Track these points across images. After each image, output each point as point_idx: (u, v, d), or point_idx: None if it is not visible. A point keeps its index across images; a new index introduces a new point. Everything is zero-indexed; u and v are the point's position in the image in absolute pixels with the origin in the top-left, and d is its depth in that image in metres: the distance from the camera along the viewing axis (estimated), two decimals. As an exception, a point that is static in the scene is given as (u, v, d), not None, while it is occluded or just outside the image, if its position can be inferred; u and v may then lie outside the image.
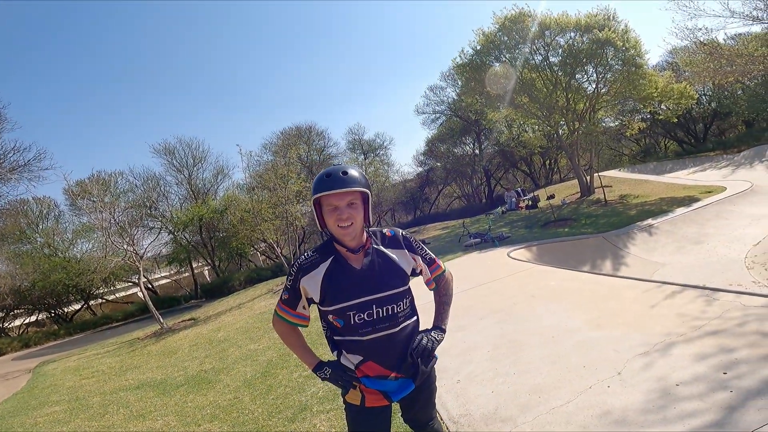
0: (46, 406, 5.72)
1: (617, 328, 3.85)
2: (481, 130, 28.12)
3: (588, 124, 17.54)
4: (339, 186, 1.48)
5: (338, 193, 1.48)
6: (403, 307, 1.62)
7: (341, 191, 1.48)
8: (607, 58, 16.11)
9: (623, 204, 15.16)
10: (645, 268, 9.17)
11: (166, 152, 24.22)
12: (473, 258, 9.72)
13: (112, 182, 22.17)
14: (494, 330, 4.50)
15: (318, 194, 1.51)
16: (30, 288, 19.01)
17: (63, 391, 6.49)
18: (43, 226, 22.49)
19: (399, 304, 1.61)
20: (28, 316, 21.49)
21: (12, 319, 20.90)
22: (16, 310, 20.32)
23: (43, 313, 21.63)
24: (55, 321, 21.36)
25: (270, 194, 12.33)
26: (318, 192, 1.51)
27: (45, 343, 16.24)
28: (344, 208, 1.49)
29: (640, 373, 2.99)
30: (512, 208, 19.50)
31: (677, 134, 28.75)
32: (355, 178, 1.51)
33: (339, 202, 1.50)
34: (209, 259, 23.75)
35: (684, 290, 4.45)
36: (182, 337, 8.88)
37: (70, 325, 19.16)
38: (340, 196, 1.49)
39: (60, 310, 21.82)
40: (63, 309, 21.95)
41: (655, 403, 2.61)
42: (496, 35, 17.45)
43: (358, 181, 1.51)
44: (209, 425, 3.81)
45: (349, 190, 1.49)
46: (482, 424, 2.84)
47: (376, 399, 1.63)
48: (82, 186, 14.50)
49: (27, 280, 18.92)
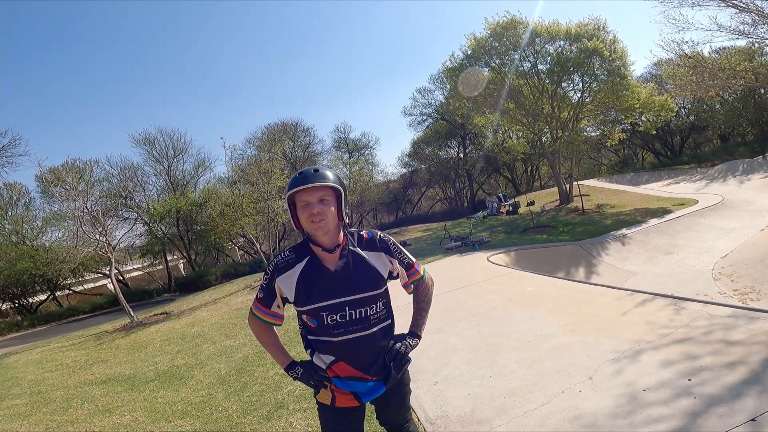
0: (6, 399, 5.50)
1: (590, 333, 3.95)
2: (467, 135, 28.38)
3: (571, 133, 17.87)
4: (311, 181, 1.51)
5: (309, 188, 1.51)
6: (376, 309, 1.63)
7: (312, 186, 1.50)
8: (594, 68, 16.42)
9: (600, 213, 15.54)
10: (617, 277, 9.42)
11: (146, 142, 23.66)
12: (453, 261, 9.82)
13: (87, 170, 21.53)
14: (472, 333, 4.56)
15: (291, 191, 1.54)
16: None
17: (24, 385, 6.24)
18: (12, 213, 21.67)
19: (372, 306, 1.61)
20: None
21: None
22: None
23: (7, 303, 20.75)
24: (18, 312, 20.51)
25: (252, 189, 12.18)
26: (291, 189, 1.54)
27: (7, 335, 15.61)
28: (315, 203, 1.51)
29: (610, 379, 3.08)
30: (493, 213, 19.75)
31: (655, 146, 29.59)
32: (327, 175, 1.54)
33: (310, 197, 1.52)
34: (185, 252, 23.28)
35: (654, 299, 4.60)
36: (154, 332, 8.65)
37: (34, 316, 18.41)
38: (311, 191, 1.51)
39: (24, 300, 21.02)
40: (28, 299, 21.15)
41: (624, 408, 2.69)
42: (487, 41, 17.63)
43: (329, 178, 1.53)
44: (180, 421, 3.73)
45: (320, 185, 1.51)
46: (458, 426, 2.88)
47: (346, 399, 1.64)
48: (55, 173, 14.05)
49: None
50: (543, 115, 18.20)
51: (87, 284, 23.35)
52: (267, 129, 26.12)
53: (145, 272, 25.74)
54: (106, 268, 19.14)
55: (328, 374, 1.64)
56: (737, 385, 2.67)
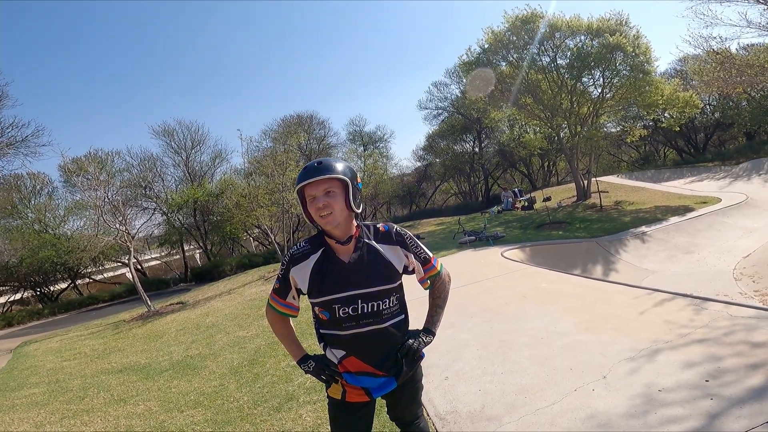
0: (25, 388, 5.63)
1: (606, 332, 3.88)
2: (483, 129, 28.06)
3: (590, 128, 17.55)
4: (313, 175, 1.48)
5: (313, 182, 1.49)
6: (389, 304, 1.60)
7: (315, 180, 1.48)
8: (616, 63, 16.09)
9: (618, 210, 15.23)
10: (635, 275, 9.24)
11: (165, 134, 24.07)
12: (467, 255, 9.75)
13: (109, 161, 21.92)
14: (484, 328, 4.52)
15: (297, 186, 1.53)
16: (17, 264, 18.60)
17: (43, 373, 6.39)
18: (36, 202, 22.17)
19: (385, 300, 1.59)
20: (13, 294, 21.01)
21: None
22: (1, 287, 19.93)
23: (29, 291, 21.20)
24: (40, 300, 20.96)
25: (267, 180, 12.27)
26: (297, 184, 1.53)
27: (28, 323, 15.93)
28: (321, 197, 1.49)
29: (625, 378, 3.02)
30: (508, 208, 19.54)
31: (677, 143, 28.82)
32: (330, 166, 1.51)
33: (316, 191, 1.50)
34: (201, 242, 23.63)
35: (674, 298, 4.49)
36: (169, 321, 8.80)
37: (55, 304, 18.74)
38: (315, 185, 1.49)
39: (46, 288, 21.43)
40: (49, 287, 21.56)
41: (639, 408, 2.63)
42: (505, 35, 17.38)
43: (333, 169, 1.50)
44: (192, 411, 3.78)
45: (324, 178, 1.48)
46: (468, 422, 2.85)
47: (357, 394, 1.63)
48: (78, 163, 14.37)
49: (15, 257, 18.57)
50: (561, 110, 17.92)
51: (107, 273, 23.87)
52: (283, 121, 26.29)
53: (162, 262, 26.23)
54: (125, 257, 19.52)
55: (338, 369, 1.63)
56: (758, 387, 2.58)
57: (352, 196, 1.55)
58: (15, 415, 4.43)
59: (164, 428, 3.53)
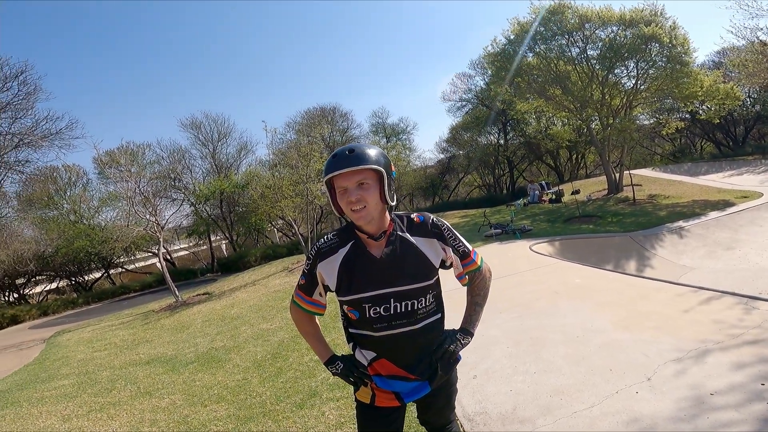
0: (55, 380, 5.73)
1: (647, 331, 3.65)
2: (508, 121, 27.44)
3: (623, 120, 16.94)
4: (344, 165, 1.32)
5: (345, 173, 1.33)
6: (425, 303, 1.45)
7: (348, 171, 1.32)
8: (651, 54, 15.51)
9: (653, 204, 14.61)
10: (672, 271, 8.82)
11: (193, 127, 24.52)
12: (493, 248, 9.53)
13: (140, 153, 22.46)
14: (514, 325, 4.34)
15: (326, 176, 1.37)
16: (53, 254, 19.12)
17: (74, 364, 6.51)
18: (71, 193, 22.84)
19: (421, 299, 1.44)
20: (49, 283, 21.70)
21: (33, 286, 21.16)
22: (37, 276, 20.47)
23: (64, 281, 21.79)
24: (74, 289, 21.59)
25: (292, 172, 12.32)
26: (326, 175, 1.37)
27: (63, 312, 16.34)
28: (354, 189, 1.34)
29: (671, 380, 2.83)
30: (534, 200, 19.07)
31: (715, 136, 27.54)
32: (364, 155, 1.34)
33: (347, 183, 1.34)
34: (227, 233, 24.05)
35: (721, 297, 4.21)
36: (196, 312, 8.91)
37: (89, 293, 19.23)
38: (348, 176, 1.34)
39: (80, 278, 22.04)
40: (83, 277, 22.17)
41: (688, 411, 2.46)
42: (532, 25, 16.95)
43: (367, 159, 1.34)
44: (216, 406, 3.76)
45: (357, 169, 1.32)
46: (499, 424, 2.71)
47: (387, 399, 1.51)
48: (110, 155, 14.78)
49: (51, 246, 19.06)
50: (592, 102, 17.37)
51: (138, 263, 24.55)
52: (306, 114, 26.38)
53: (190, 252, 26.83)
54: (155, 247, 20.06)
55: (369, 372, 1.51)
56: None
57: (387, 188, 1.39)
58: (43, 408, 4.50)
59: (187, 423, 3.51)
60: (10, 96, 12.32)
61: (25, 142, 12.55)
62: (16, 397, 5.13)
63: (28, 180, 18.96)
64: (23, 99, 12.47)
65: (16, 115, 12.49)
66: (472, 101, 28.97)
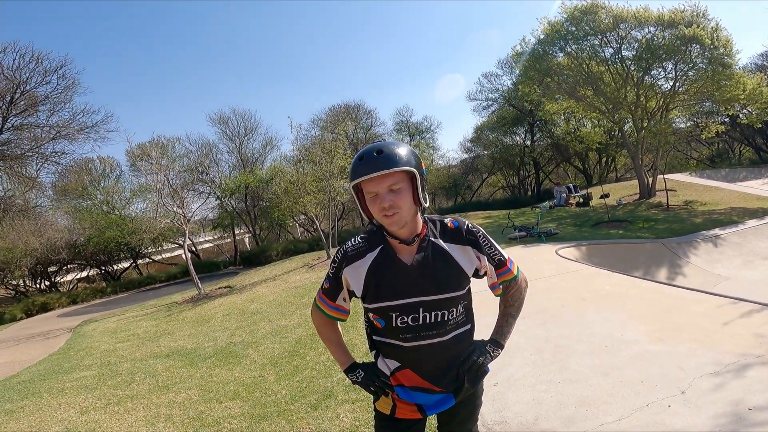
0: (78, 371, 5.78)
1: (682, 343, 3.44)
2: (535, 121, 26.85)
3: (658, 123, 16.32)
4: (373, 170, 1.23)
5: (375, 177, 1.24)
6: (455, 313, 1.37)
7: (378, 175, 1.23)
8: (691, 56, 14.92)
9: (687, 210, 14.00)
10: (705, 279, 8.41)
11: (220, 121, 24.99)
12: (518, 252, 9.30)
13: (170, 146, 23.01)
14: (538, 332, 4.18)
15: (354, 181, 1.28)
16: (85, 243, 19.70)
17: (96, 355, 6.59)
18: (104, 184, 23.55)
19: (452, 310, 1.35)
20: (80, 272, 22.36)
21: (65, 274, 21.85)
22: (69, 264, 21.11)
23: (94, 270, 22.38)
24: (104, 278, 22.18)
25: (315, 168, 12.35)
26: (354, 179, 1.28)
27: (91, 300, 16.65)
28: (385, 194, 1.25)
29: (708, 394, 2.66)
30: (561, 203, 18.57)
31: (755, 141, 26.23)
32: (394, 156, 1.24)
33: (378, 187, 1.25)
34: (251, 226, 24.42)
35: (763, 309, 3.94)
36: (217, 306, 8.97)
37: (117, 282, 19.69)
38: (378, 181, 1.24)
39: (110, 267, 22.63)
40: (113, 266, 22.76)
41: (725, 427, 2.32)
42: (563, 25, 16.54)
43: (397, 160, 1.24)
44: (230, 403, 3.75)
45: (388, 173, 1.23)
46: (520, 435, 2.59)
47: (408, 410, 1.43)
48: (142, 148, 15.21)
49: (83, 236, 19.68)
50: (626, 103, 16.79)
51: (164, 253, 25.20)
52: (331, 110, 26.48)
53: (214, 244, 27.40)
54: (181, 239, 20.59)
55: (391, 382, 1.42)
56: None
57: (421, 188, 1.30)
58: (63, 399, 4.55)
59: (201, 420, 3.49)
60: (49, 89, 12.78)
61: (62, 134, 13.02)
62: (37, 388, 5.19)
63: (64, 171, 19.60)
64: (62, 92, 12.93)
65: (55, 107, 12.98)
66: (499, 101, 28.49)
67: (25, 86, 12.27)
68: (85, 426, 3.74)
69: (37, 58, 12.38)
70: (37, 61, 12.40)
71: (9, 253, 16.72)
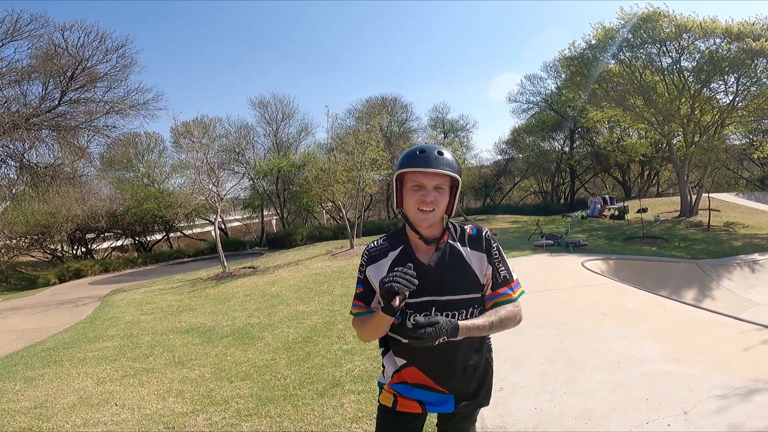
0: (101, 341, 5.96)
1: (698, 365, 3.35)
2: (577, 128, 26.02)
3: (711, 139, 15.51)
4: (431, 165, 1.31)
5: (429, 172, 1.32)
6: (467, 316, 1.39)
7: (433, 171, 1.31)
8: (756, 71, 14.11)
9: (728, 232, 13.33)
10: (735, 304, 8.03)
11: (260, 105, 25.60)
12: (542, 259, 9.13)
13: (211, 126, 23.82)
14: (552, 342, 4.13)
15: (406, 169, 1.35)
16: (123, 213, 20.67)
17: (121, 326, 6.80)
18: (148, 158, 24.67)
19: (463, 312, 1.39)
20: (115, 241, 23.44)
21: (101, 242, 22.96)
22: (106, 233, 22.16)
23: (129, 239, 23.45)
24: (136, 248, 23.22)
25: (347, 158, 12.48)
26: (406, 167, 1.35)
27: (122, 270, 17.37)
28: (431, 190, 1.33)
29: (709, 416, 2.64)
30: (594, 214, 18.02)
31: (813, 164, 24.47)
32: (451, 161, 1.36)
33: (427, 181, 1.33)
34: (279, 209, 24.98)
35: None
36: (239, 285, 9.17)
37: (148, 254, 20.57)
38: (431, 176, 1.33)
39: (143, 238, 23.63)
40: (146, 237, 23.75)
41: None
42: (619, 31, 15.88)
43: (451, 165, 1.35)
44: (241, 383, 3.86)
45: (440, 173, 1.32)
46: (517, 441, 2.61)
47: (410, 405, 1.49)
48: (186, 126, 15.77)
49: (122, 206, 20.66)
50: (678, 116, 15.99)
51: (195, 229, 26.10)
52: (367, 102, 26.57)
53: (243, 224, 28.18)
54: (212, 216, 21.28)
55: (394, 380, 1.50)
56: None
57: (457, 198, 1.40)
58: (82, 369, 4.73)
59: (211, 398, 3.62)
60: (108, 67, 13.36)
61: (115, 110, 13.57)
62: (60, 356, 5.35)
63: (112, 143, 20.61)
64: (119, 71, 13.48)
65: (111, 84, 13.50)
66: (540, 104, 27.77)
67: (86, 63, 12.81)
68: (99, 397, 3.89)
69: (101, 37, 12.96)
70: (101, 39, 12.97)
71: (52, 218, 17.63)
